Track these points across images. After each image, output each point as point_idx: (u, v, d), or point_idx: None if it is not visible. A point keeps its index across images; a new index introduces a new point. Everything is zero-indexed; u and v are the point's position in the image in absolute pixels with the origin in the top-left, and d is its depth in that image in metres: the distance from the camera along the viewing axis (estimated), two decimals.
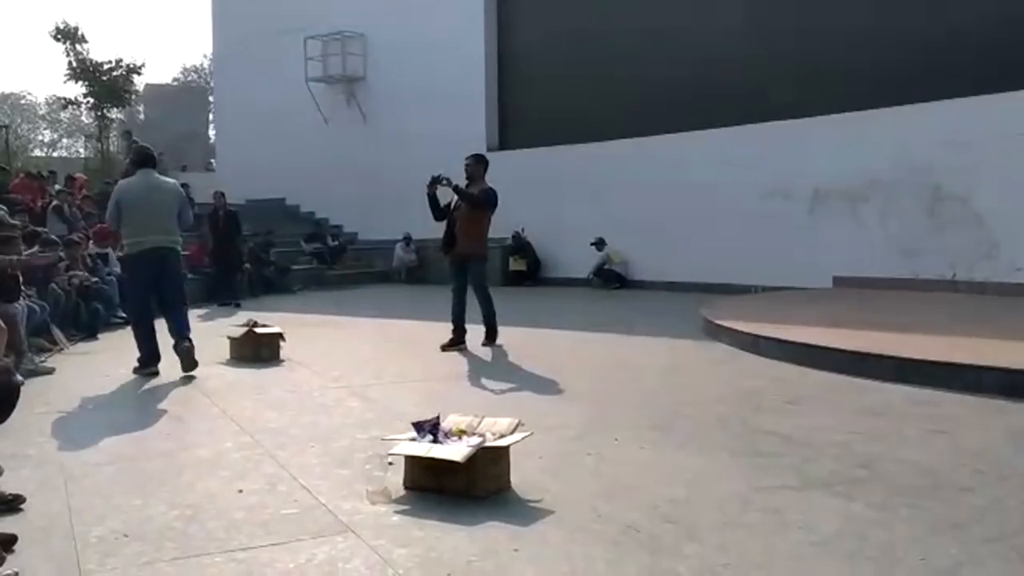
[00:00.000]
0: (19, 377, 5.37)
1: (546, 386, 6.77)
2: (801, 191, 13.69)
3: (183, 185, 8.58)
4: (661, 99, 15.69)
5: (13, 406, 3.52)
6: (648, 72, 15.88)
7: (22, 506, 3.81)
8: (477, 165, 8.79)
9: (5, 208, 10.66)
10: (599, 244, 15.96)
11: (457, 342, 8.61)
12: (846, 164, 13.16)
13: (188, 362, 7.32)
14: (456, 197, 8.57)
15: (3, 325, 6.49)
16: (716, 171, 14.49)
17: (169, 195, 7.54)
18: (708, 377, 7.12)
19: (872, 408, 5.76)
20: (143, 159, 7.68)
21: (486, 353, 8.47)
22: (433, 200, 8.65)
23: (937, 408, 5.72)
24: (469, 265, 8.66)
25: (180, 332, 7.46)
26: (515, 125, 18.64)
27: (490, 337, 8.75)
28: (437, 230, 15.57)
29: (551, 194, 16.63)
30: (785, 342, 7.72)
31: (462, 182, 8.68)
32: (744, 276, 13.75)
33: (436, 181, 8.45)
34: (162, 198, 7.45)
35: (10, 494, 3.85)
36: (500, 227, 17.09)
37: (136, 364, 7.49)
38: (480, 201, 8.51)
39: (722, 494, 3.97)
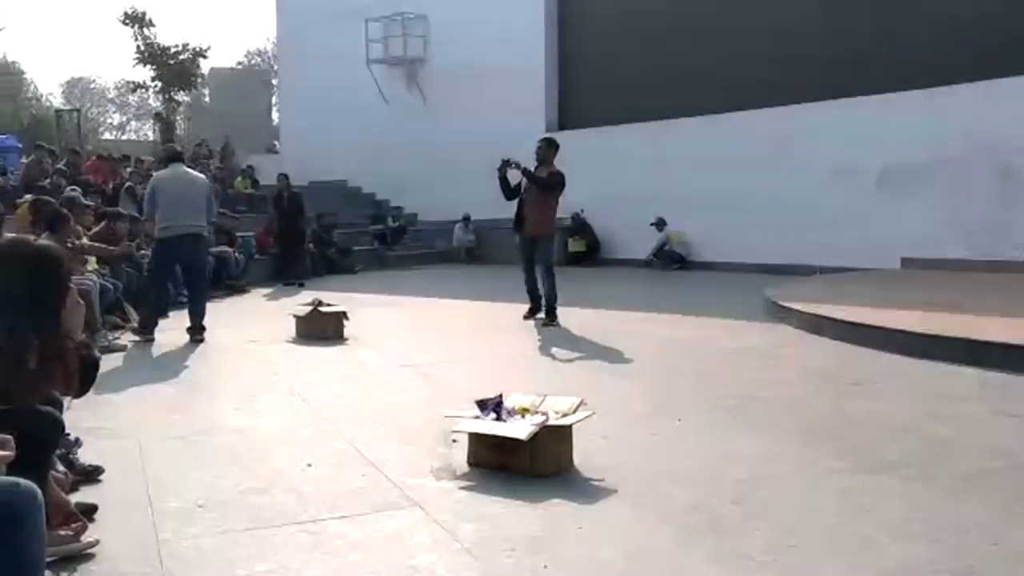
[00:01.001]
0: (96, 352, 5.55)
1: (608, 366, 6.77)
2: (868, 170, 13.37)
3: (248, 167, 9.15)
4: (723, 77, 15.42)
5: (93, 380, 3.63)
6: (711, 49, 15.65)
7: (101, 477, 3.95)
8: (548, 149, 9.08)
9: (78, 189, 10.98)
10: (659, 224, 15.83)
11: (535, 311, 9.10)
12: (916, 142, 12.81)
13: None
14: (520, 177, 8.88)
15: (81, 301, 6.69)
16: (780, 149, 14.25)
17: (199, 187, 8.34)
18: (772, 359, 7.04)
19: (942, 391, 5.64)
20: (172, 155, 8.77)
21: (549, 333, 8.49)
22: (504, 181, 9.01)
23: (1008, 391, 5.59)
24: (537, 244, 8.95)
25: (196, 322, 8.16)
26: (574, 105, 18.53)
27: (550, 316, 8.89)
28: (496, 211, 15.71)
29: (610, 174, 16.49)
30: (851, 323, 7.59)
31: (531, 164, 8.99)
32: (809, 257, 13.51)
33: (507, 164, 8.87)
34: (193, 189, 8.23)
35: (89, 465, 3.98)
36: (559, 208, 17.15)
37: (137, 326, 8.26)
38: (548, 184, 8.85)
39: (789, 475, 3.94)
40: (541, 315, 8.98)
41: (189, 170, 8.71)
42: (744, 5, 15.39)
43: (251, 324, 9.29)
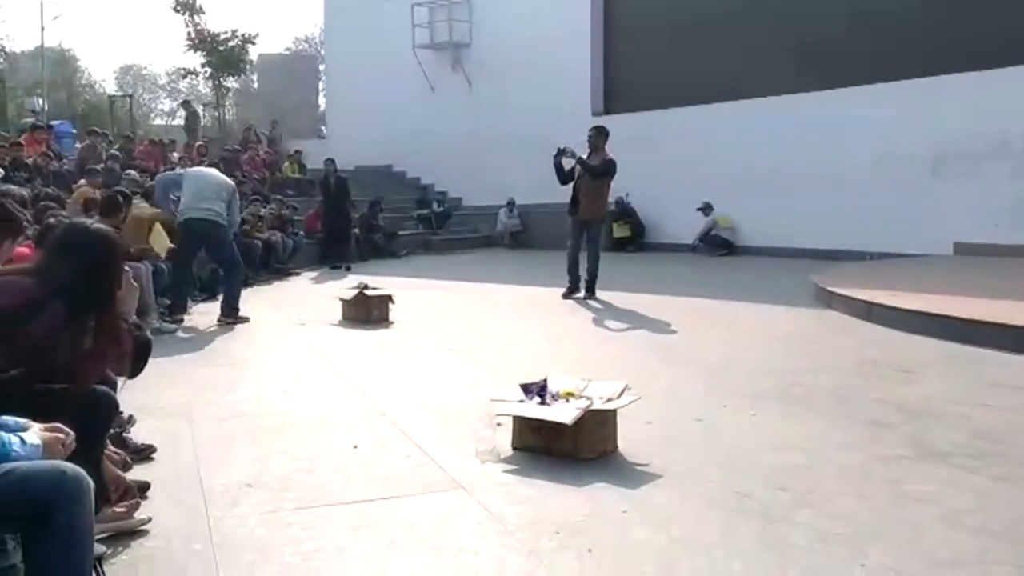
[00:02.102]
0: (148, 333, 5.65)
1: (654, 351, 6.74)
2: (922, 153, 13.11)
3: (296, 151, 9.40)
4: (771, 61, 15.20)
5: (146, 360, 3.70)
6: (756, 34, 15.42)
7: (153, 456, 4.04)
8: (599, 136, 9.65)
9: (133, 173, 11.18)
10: (706, 209, 15.68)
11: (574, 290, 9.66)
12: (969, 125, 12.53)
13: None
14: (574, 164, 9.53)
15: (135, 283, 6.83)
16: (829, 133, 14.02)
17: (219, 182, 8.61)
18: (821, 345, 6.95)
19: (993, 379, 5.53)
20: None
21: (594, 317, 8.48)
22: (559, 167, 9.71)
23: None
24: (589, 226, 9.65)
25: (224, 306, 8.42)
26: (620, 90, 18.39)
27: (590, 291, 9.59)
28: (541, 195, 15.67)
29: (655, 159, 16.32)
30: (901, 310, 7.46)
31: (583, 150, 9.56)
32: (858, 242, 13.30)
33: (562, 153, 9.56)
34: (212, 181, 8.56)
35: (142, 444, 4.07)
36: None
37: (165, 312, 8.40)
38: (600, 171, 9.47)
39: (837, 463, 3.89)
40: (579, 293, 9.57)
41: (212, 170, 9.43)
42: None
43: (298, 307, 9.39)
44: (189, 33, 29.41)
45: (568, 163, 9.64)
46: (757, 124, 15.09)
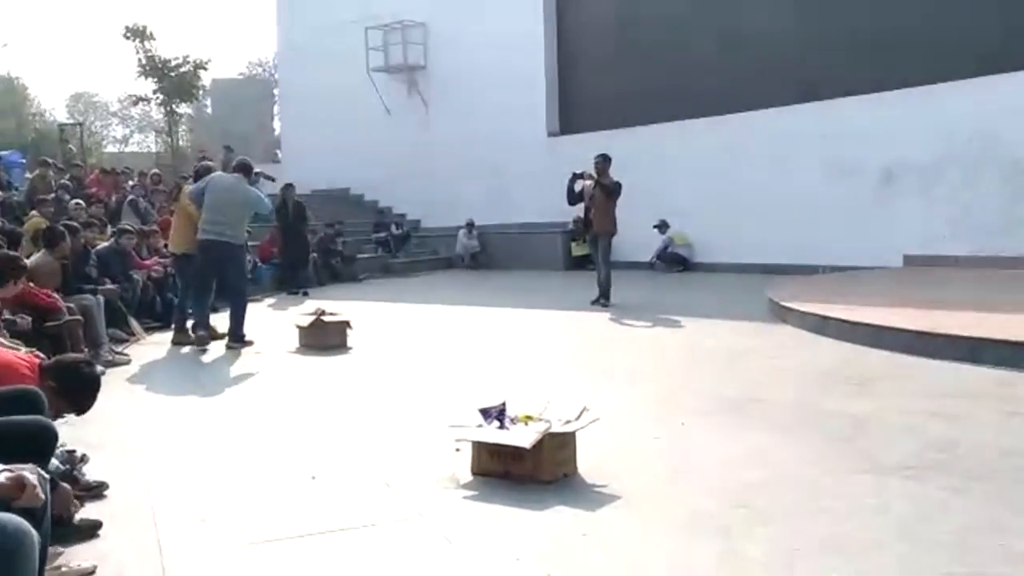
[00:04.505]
0: (99, 368, 5.56)
1: (612, 370, 6.77)
2: (870, 168, 13.37)
3: (257, 172, 9.07)
4: (723, 80, 15.43)
5: (95, 396, 3.64)
6: (708, 53, 15.65)
7: (105, 492, 3.95)
8: (605, 163, 10.87)
9: (82, 203, 11.02)
10: (662, 227, 15.82)
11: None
12: (918, 139, 12.81)
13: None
14: (584, 186, 10.76)
15: (80, 317, 6.73)
16: (782, 149, 14.26)
17: (238, 197, 8.26)
18: (776, 359, 7.02)
19: (946, 389, 5.63)
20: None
21: (554, 337, 8.49)
22: (571, 190, 10.94)
23: (1013, 389, 5.57)
24: (600, 240, 10.84)
25: (231, 330, 8.35)
26: (575, 110, 18.54)
27: (605, 297, 10.65)
28: (499, 216, 15.80)
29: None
30: (854, 323, 7.57)
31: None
32: (811, 256, 13.49)
33: (578, 177, 10.86)
34: (230, 198, 8.21)
35: (94, 481, 3.99)
36: (561, 212, 17.10)
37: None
38: (613, 190, 10.68)
39: (794, 477, 3.93)
40: (604, 300, 10.63)
41: (236, 183, 8.37)
42: (741, 8, 15.38)
43: (254, 335, 9.29)
44: (140, 60, 29.13)
45: (579, 185, 10.78)
46: (711, 142, 15.30)
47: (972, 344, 6.46)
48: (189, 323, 8.61)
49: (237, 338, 8.32)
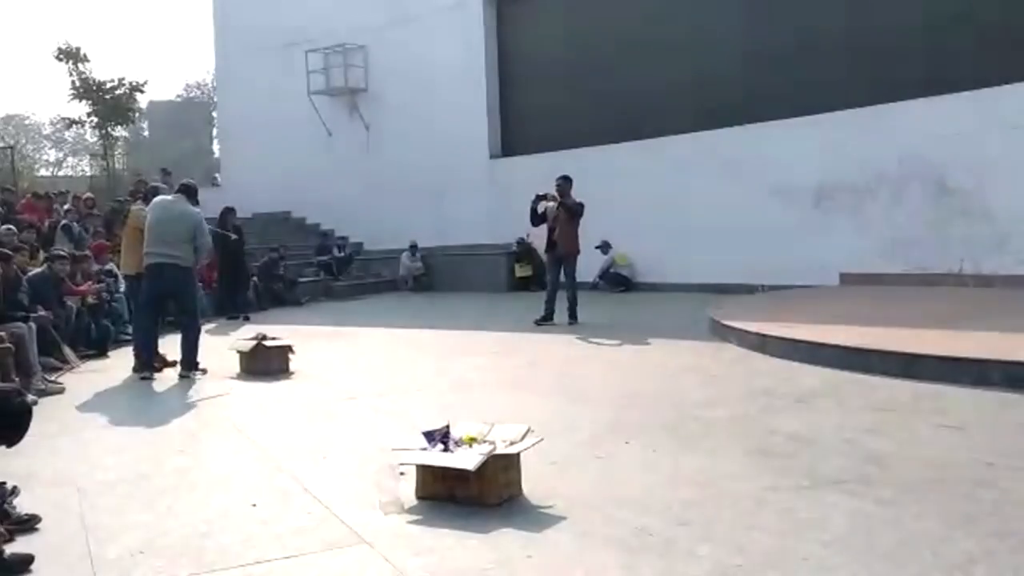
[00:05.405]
0: (31, 397, 5.42)
1: (555, 391, 6.79)
2: (805, 189, 13.68)
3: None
4: (662, 102, 15.68)
5: (26, 427, 3.55)
6: (648, 75, 15.88)
7: (38, 526, 3.84)
8: (566, 184, 11.01)
9: (14, 228, 10.75)
10: (604, 247, 15.94)
11: (548, 319, 10.79)
12: (849, 160, 13.15)
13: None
14: (548, 208, 10.86)
15: (11, 345, 6.56)
16: (720, 171, 14.50)
17: (182, 217, 8.07)
18: (717, 378, 7.13)
19: (881, 404, 5.77)
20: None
21: (496, 357, 8.50)
22: (534, 211, 11.06)
23: (945, 403, 5.73)
24: (565, 260, 10.85)
25: (184, 358, 8.18)
26: (517, 132, 18.64)
27: (573, 317, 10.72)
28: (441, 239, 15.88)
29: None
30: (792, 340, 7.72)
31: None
32: (750, 276, 13.72)
33: (542, 198, 10.94)
34: (173, 217, 8.03)
35: (26, 514, 3.87)
36: (504, 233, 17.14)
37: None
38: (576, 211, 10.80)
39: (734, 495, 3.98)
40: (553, 322, 10.68)
41: (177, 202, 8.23)
42: (680, 30, 15.66)
43: None
44: (74, 82, 28.55)
45: (542, 206, 10.87)
46: (651, 163, 15.51)
47: (906, 359, 6.63)
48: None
49: (191, 365, 8.15)
